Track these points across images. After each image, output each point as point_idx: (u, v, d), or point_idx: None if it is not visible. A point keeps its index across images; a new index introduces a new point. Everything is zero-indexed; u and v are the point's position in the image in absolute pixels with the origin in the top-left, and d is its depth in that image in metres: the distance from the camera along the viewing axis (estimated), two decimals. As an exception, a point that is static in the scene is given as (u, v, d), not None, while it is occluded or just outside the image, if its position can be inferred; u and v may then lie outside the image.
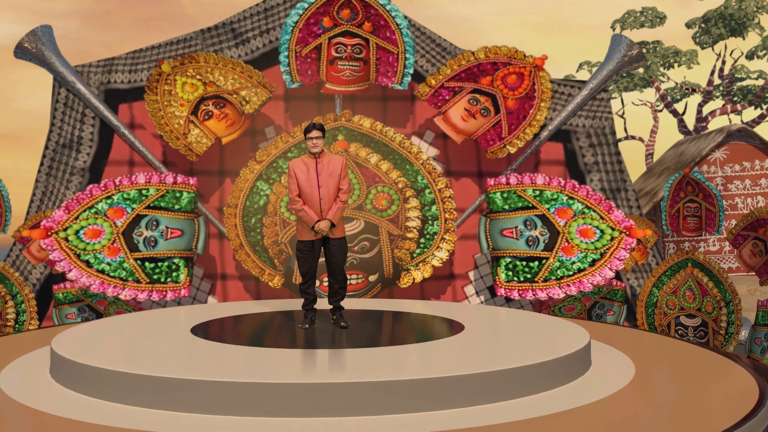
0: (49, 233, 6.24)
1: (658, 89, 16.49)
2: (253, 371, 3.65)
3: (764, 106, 15.70)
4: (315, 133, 4.65)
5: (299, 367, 3.76)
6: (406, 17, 7.04)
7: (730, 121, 16.79)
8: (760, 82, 16.28)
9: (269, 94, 7.02)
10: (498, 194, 6.91)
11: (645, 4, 16.08)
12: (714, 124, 16.86)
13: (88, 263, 6.30)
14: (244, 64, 6.98)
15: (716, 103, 16.99)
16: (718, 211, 6.17)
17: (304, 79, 7.00)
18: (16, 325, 6.41)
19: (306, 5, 6.86)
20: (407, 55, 6.99)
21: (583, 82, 7.71)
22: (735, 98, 16.62)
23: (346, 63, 6.96)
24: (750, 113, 16.55)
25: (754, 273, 5.95)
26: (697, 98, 17.02)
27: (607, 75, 7.50)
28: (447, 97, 7.17)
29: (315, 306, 4.93)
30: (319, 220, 4.66)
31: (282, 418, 3.26)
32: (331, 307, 4.95)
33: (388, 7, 6.89)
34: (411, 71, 7.03)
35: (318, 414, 3.27)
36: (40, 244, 6.30)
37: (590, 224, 6.68)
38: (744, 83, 16.70)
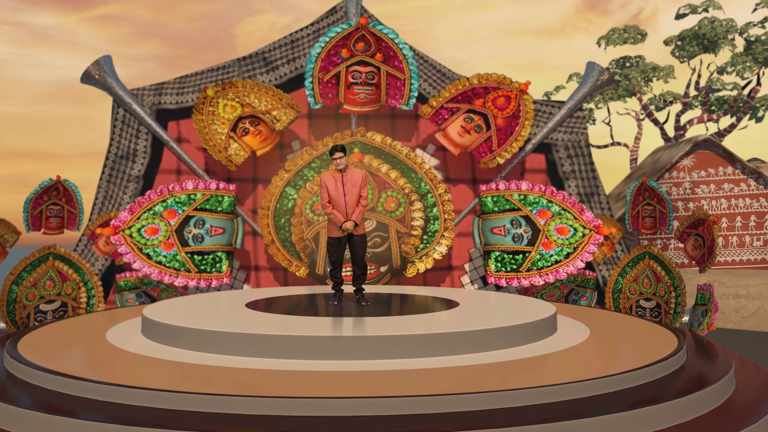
0: (117, 231, 7.49)
1: (640, 100, 17.78)
2: (297, 329, 4.87)
3: (736, 116, 17.01)
4: (338, 155, 5.85)
5: (331, 327, 5.00)
6: (411, 48, 8.24)
7: (707, 129, 18.09)
8: (735, 92, 17.59)
9: (296, 114, 8.23)
10: (489, 198, 8.09)
11: (605, 51, 17.60)
12: (692, 131, 18.17)
13: (148, 256, 7.55)
14: (274, 89, 8.18)
15: (695, 112, 18.29)
16: (668, 213, 7.42)
17: (325, 101, 8.18)
18: (87, 307, 7.64)
19: (327, 39, 8.05)
20: (412, 81, 8.15)
21: (562, 103, 8.95)
22: (712, 107, 17.92)
23: (361, 87, 8.13)
24: (727, 121, 17.84)
25: (695, 263, 7.22)
26: (678, 107, 18.31)
27: (582, 96, 8.74)
28: (446, 116, 8.34)
29: (342, 287, 6.20)
30: (345, 221, 5.91)
31: (320, 361, 4.48)
32: (354, 289, 6.21)
33: (396, 41, 8.08)
34: (416, 94, 8.13)
35: (346, 358, 4.49)
36: (110, 240, 7.54)
37: (566, 223, 7.91)
38: (720, 94, 18.00)
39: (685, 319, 7.03)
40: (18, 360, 4.61)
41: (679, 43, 16.05)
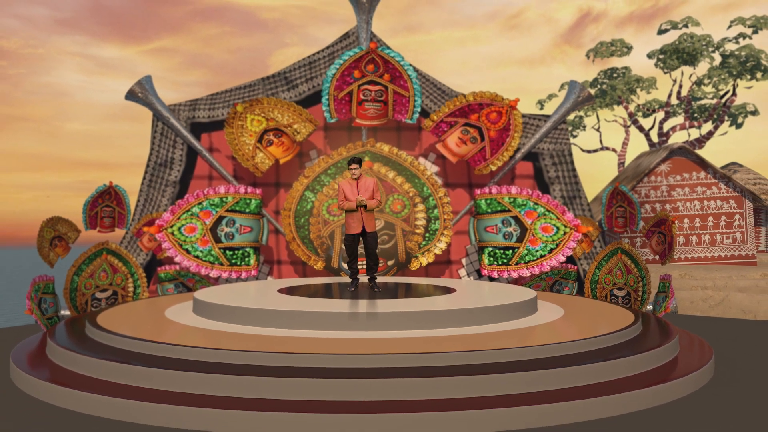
0: (161, 229, 8.63)
1: (626, 108, 18.98)
2: (322, 307, 5.97)
3: (714, 124, 18.22)
4: (354, 165, 7.02)
5: (349, 306, 6.11)
6: (415, 69, 9.37)
7: (689, 135, 19.28)
8: (715, 101, 18.80)
9: (314, 127, 9.35)
10: (483, 201, 9.23)
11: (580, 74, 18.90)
12: (676, 137, 19.35)
13: (188, 251, 8.70)
14: (295, 105, 9.31)
15: (678, 119, 19.48)
16: (636, 214, 8.58)
17: (339, 116, 9.31)
18: (134, 296, 8.77)
19: (341, 61, 9.18)
20: (416, 98, 9.27)
21: (548, 117, 10.08)
22: (695, 115, 19.12)
23: (371, 104, 9.25)
24: (708, 127, 19.03)
25: (658, 257, 8.38)
26: (661, 115, 19.50)
27: (565, 111, 9.88)
28: (445, 129, 9.45)
29: (358, 276, 7.34)
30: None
31: (340, 332, 5.57)
32: (368, 278, 7.34)
33: (402, 63, 9.20)
34: (419, 109, 9.24)
35: (362, 330, 5.60)
36: (154, 237, 8.69)
37: (549, 223, 9.05)
38: (702, 102, 19.19)
39: (650, 307, 8.18)
40: (100, 328, 5.77)
41: (661, 56, 17.27)
